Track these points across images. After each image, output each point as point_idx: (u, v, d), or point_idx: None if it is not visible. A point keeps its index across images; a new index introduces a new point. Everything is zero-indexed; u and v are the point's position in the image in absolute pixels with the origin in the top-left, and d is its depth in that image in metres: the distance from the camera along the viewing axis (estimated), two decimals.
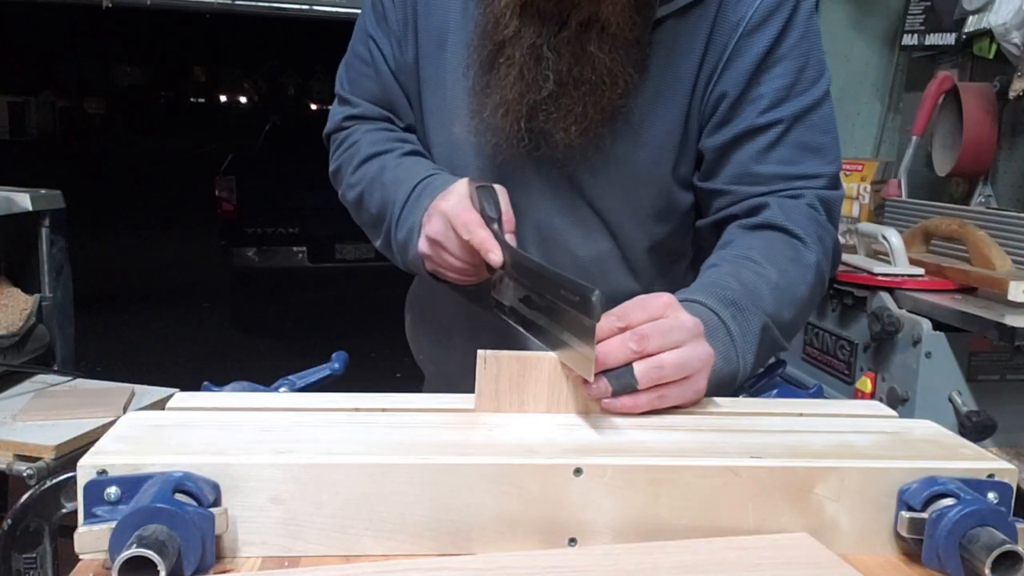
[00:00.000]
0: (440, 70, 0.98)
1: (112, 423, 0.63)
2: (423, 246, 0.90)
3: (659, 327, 0.70)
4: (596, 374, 0.68)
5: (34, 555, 0.59)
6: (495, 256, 0.81)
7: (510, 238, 0.85)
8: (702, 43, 0.91)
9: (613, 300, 0.74)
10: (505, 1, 0.87)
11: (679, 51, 0.91)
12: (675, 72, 0.92)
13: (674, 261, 1.05)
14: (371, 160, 1.01)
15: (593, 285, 0.64)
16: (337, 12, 2.85)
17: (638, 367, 0.69)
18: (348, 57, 1.08)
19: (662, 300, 0.73)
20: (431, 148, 1.02)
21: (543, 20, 0.87)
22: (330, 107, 1.12)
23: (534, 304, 0.76)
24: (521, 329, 0.79)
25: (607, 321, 0.69)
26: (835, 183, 0.96)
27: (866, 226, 1.98)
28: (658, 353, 0.69)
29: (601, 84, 0.87)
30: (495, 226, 0.84)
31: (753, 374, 0.86)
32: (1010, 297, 1.49)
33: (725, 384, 0.80)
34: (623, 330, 0.70)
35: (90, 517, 0.53)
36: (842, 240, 2.35)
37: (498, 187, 0.88)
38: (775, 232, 0.90)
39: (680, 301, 0.79)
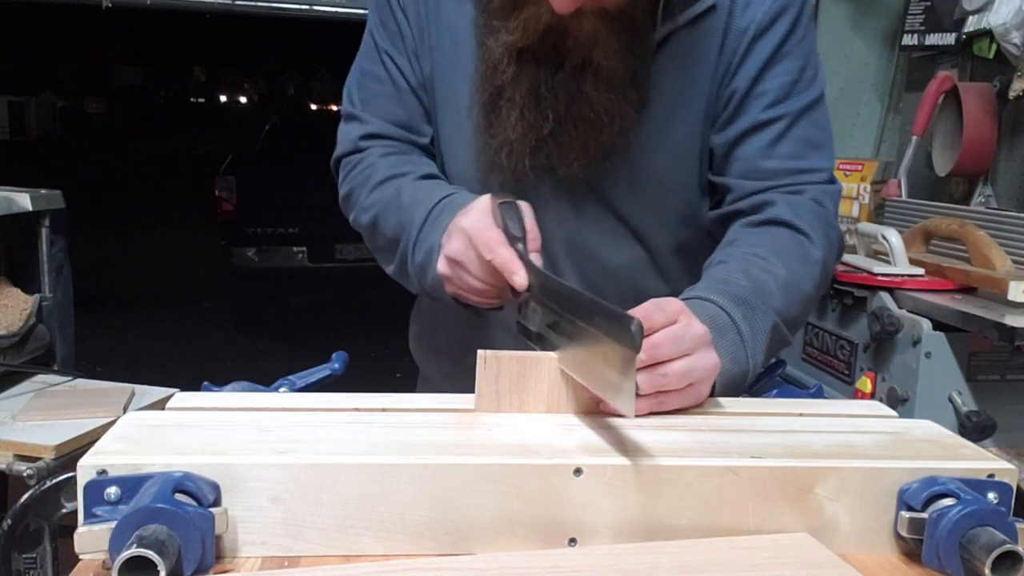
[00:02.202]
0: (451, 96, 0.98)
1: (112, 423, 0.63)
2: (442, 267, 0.86)
3: (670, 335, 0.70)
4: None
5: (34, 555, 0.59)
6: (519, 279, 0.77)
7: (536, 257, 0.80)
8: (715, 50, 0.92)
9: (639, 303, 0.73)
10: (502, 49, 0.88)
11: (693, 59, 0.93)
12: (690, 79, 0.93)
13: (700, 262, 1.04)
14: (387, 182, 0.98)
15: (623, 293, 0.62)
16: (337, 12, 2.85)
17: (641, 373, 0.69)
18: (357, 77, 1.05)
19: (676, 305, 0.73)
20: (447, 173, 1.01)
21: (539, 64, 0.88)
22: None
23: (564, 331, 0.71)
24: None
25: None
26: (834, 178, 0.98)
27: (866, 226, 1.97)
28: (666, 362, 0.70)
29: (599, 122, 0.89)
30: (519, 246, 0.79)
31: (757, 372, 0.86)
32: (1010, 297, 1.49)
33: (734, 384, 0.80)
34: (647, 334, 0.69)
35: (90, 517, 0.53)
36: None
37: (522, 203, 0.85)
38: (782, 228, 0.91)
39: (691, 298, 0.79)
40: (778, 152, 0.93)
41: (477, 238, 0.81)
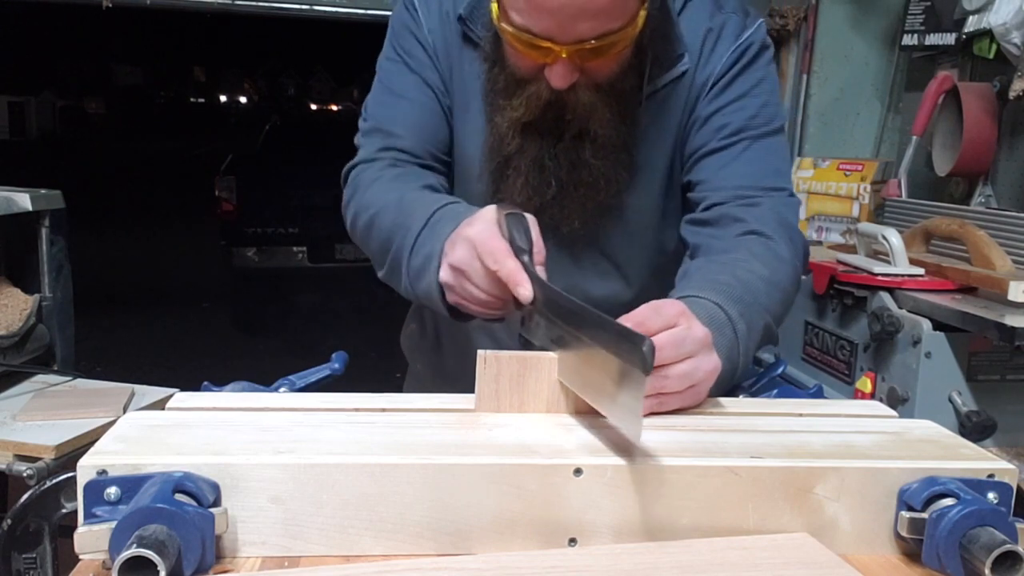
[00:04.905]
0: (462, 159, 1.06)
1: (112, 423, 0.63)
2: (445, 275, 0.85)
3: (672, 339, 0.71)
4: None
5: (34, 555, 0.59)
6: (525, 290, 0.76)
7: (541, 271, 0.79)
8: (682, 101, 1.02)
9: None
10: (507, 124, 0.96)
11: (665, 112, 1.02)
12: (662, 128, 1.03)
13: (669, 278, 1.06)
14: (389, 187, 0.99)
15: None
16: (337, 12, 2.85)
17: None
18: (380, 96, 1.07)
19: (676, 308, 0.74)
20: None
21: (542, 135, 0.96)
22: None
23: (569, 346, 0.69)
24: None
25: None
26: (793, 193, 1.05)
27: (866, 226, 1.97)
28: (668, 365, 0.70)
29: (597, 185, 0.98)
30: (525, 258, 0.78)
31: (747, 369, 0.87)
32: (1010, 297, 1.49)
33: (724, 380, 0.80)
34: None
35: (90, 517, 0.53)
36: (842, 240, 2.35)
37: (529, 216, 0.83)
38: (750, 236, 0.95)
39: (685, 296, 0.79)
40: (736, 171, 1.00)
41: (483, 248, 0.79)
